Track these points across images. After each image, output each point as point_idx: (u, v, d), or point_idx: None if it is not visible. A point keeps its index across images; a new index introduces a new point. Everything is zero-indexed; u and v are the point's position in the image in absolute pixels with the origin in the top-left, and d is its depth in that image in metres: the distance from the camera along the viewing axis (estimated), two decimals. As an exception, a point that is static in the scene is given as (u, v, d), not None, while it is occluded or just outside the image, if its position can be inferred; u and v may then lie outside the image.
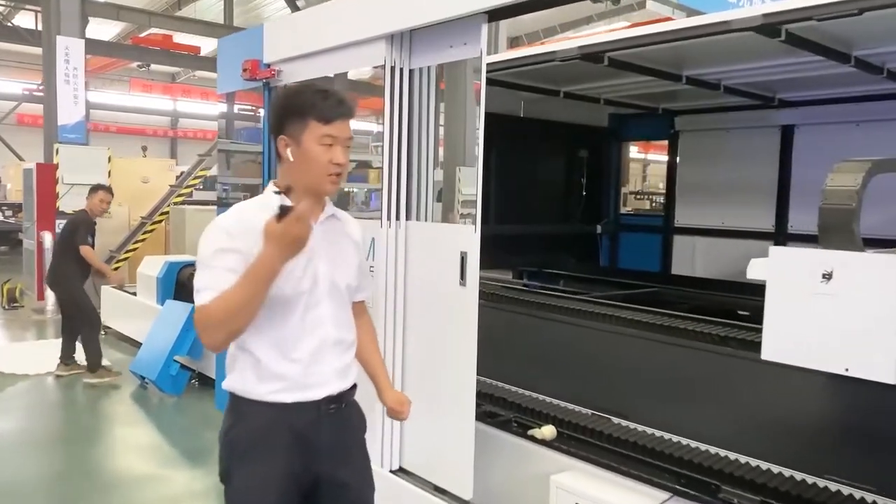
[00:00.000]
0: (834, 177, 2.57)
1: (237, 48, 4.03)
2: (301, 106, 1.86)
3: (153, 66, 22.75)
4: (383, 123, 3.07)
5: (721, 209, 5.76)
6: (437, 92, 3.06)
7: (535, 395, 3.68)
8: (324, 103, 1.85)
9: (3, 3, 15.54)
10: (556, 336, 3.92)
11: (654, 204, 16.28)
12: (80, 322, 6.27)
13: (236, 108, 4.42)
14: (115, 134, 24.86)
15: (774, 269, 2.32)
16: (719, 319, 3.60)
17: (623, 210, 7.10)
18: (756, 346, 3.15)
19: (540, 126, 5.82)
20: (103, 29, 18.03)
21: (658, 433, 3.17)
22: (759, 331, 3.32)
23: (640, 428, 3.24)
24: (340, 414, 1.97)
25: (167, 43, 15.78)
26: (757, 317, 4.38)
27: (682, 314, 3.71)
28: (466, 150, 10.35)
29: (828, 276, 2.22)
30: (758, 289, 5.01)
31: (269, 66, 3.68)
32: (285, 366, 1.86)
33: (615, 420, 3.36)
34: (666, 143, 6.36)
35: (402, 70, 3.05)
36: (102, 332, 7.91)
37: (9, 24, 15.64)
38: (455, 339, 2.91)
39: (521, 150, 5.72)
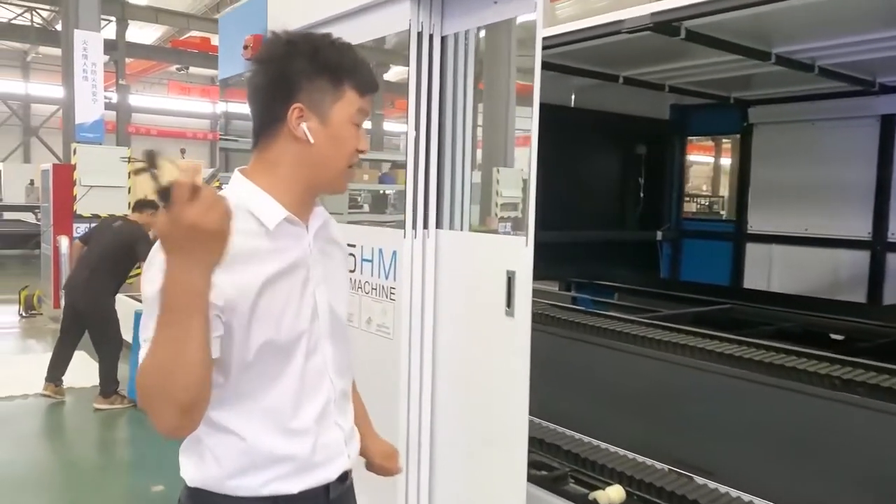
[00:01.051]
0: None
1: (240, 24, 3.42)
2: (337, 65, 1.33)
3: (192, 70, 22.75)
4: (407, 106, 2.41)
5: (804, 214, 4.98)
6: (476, 65, 2.38)
7: (595, 442, 2.98)
8: (363, 67, 1.37)
9: (20, 3, 15.36)
10: (621, 368, 3.23)
11: (700, 207, 15.39)
12: (102, 342, 5.74)
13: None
14: (156, 137, 24.90)
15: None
16: (833, 355, 2.86)
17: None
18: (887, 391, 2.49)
19: (593, 118, 5.10)
20: (145, 33, 18.04)
21: (756, 500, 2.46)
22: (891, 372, 2.71)
23: (732, 491, 2.52)
24: (348, 495, 1.47)
25: (206, 45, 15.56)
26: (855, 342, 3.80)
27: (781, 346, 2.96)
28: (507, 147, 9.53)
29: None
30: (852, 307, 4.33)
31: (273, 41, 3.06)
32: (285, 442, 1.31)
33: (698, 479, 2.64)
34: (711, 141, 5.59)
35: (431, 37, 2.37)
36: (117, 346, 7.42)
37: (52, 28, 15.51)
38: (500, 383, 2.22)
39: (571, 146, 4.99)
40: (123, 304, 7.50)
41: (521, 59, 9.28)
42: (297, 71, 1.30)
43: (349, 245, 2.71)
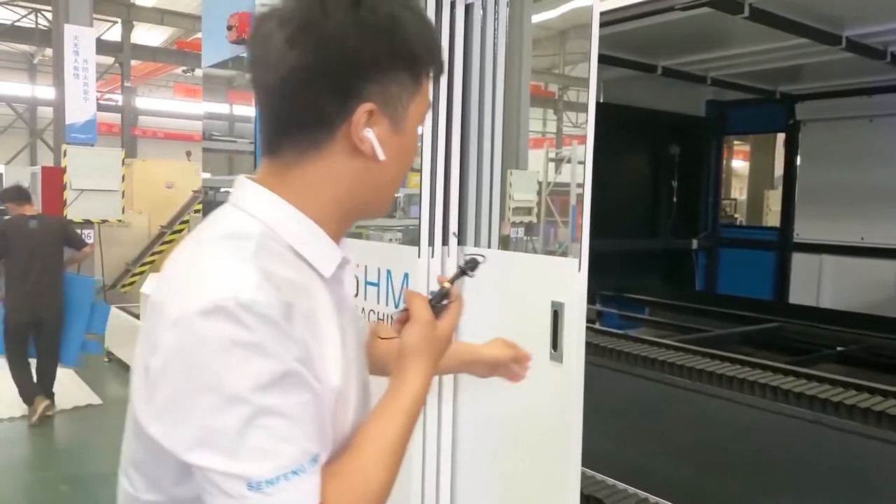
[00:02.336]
0: None
1: (225, 3, 2.95)
2: (423, 45, 0.92)
3: (199, 72, 22.55)
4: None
5: (860, 221, 4.46)
6: (508, 40, 1.89)
7: (650, 498, 2.49)
8: (436, 38, 1.01)
9: (25, 4, 15.03)
10: (669, 405, 2.74)
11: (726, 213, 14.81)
12: (56, 346, 5.36)
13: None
14: (163, 140, 24.65)
15: None
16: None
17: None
18: None
19: (622, 114, 4.60)
20: (151, 35, 17.75)
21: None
22: None
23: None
24: None
25: (212, 47, 15.18)
26: None
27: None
28: (520, 149, 9.00)
29: None
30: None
31: (262, 20, 2.60)
32: None
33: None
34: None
35: (453, 4, 1.88)
36: (106, 359, 6.99)
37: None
38: (543, 445, 1.74)
39: (598, 145, 4.50)
40: (113, 315, 7.06)
41: (534, 60, 8.80)
42: (369, 53, 0.86)
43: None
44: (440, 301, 1.03)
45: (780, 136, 5.59)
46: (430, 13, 1.93)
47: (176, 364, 0.79)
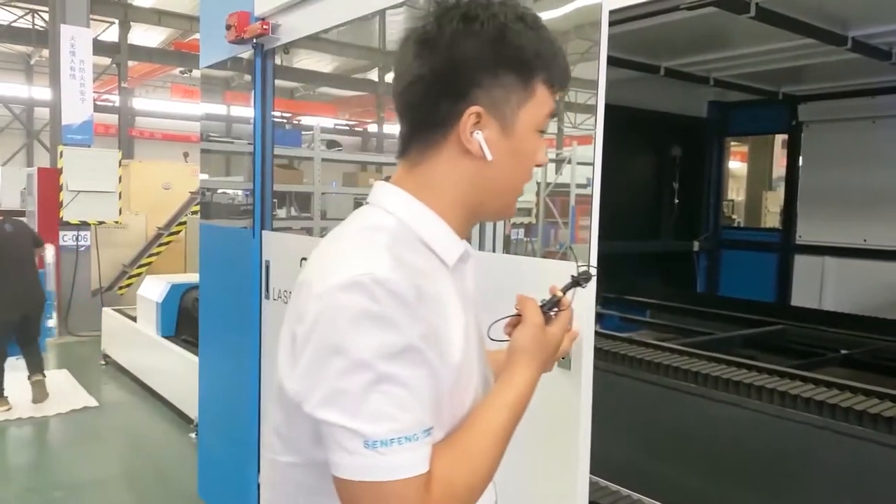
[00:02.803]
0: None
1: (224, 2, 2.91)
2: (532, 51, 1.01)
3: (196, 73, 22.45)
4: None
5: (863, 223, 4.43)
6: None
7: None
8: (560, 52, 1.05)
9: (22, 5, 14.95)
10: (671, 409, 2.70)
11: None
12: (37, 334, 5.61)
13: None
14: (160, 141, 24.57)
15: None
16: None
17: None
18: None
19: (621, 115, 4.55)
20: (149, 36, 17.68)
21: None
22: None
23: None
24: None
25: (210, 48, 15.10)
26: None
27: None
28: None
29: None
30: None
31: (261, 19, 2.55)
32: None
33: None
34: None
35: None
36: (103, 362, 6.94)
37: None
38: (552, 455, 1.69)
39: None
40: (109, 317, 7.00)
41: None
42: (475, 60, 0.98)
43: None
44: (551, 308, 1.11)
45: (779, 138, 5.57)
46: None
47: (317, 330, 0.89)
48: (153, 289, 6.15)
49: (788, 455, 2.39)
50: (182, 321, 5.81)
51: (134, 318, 6.51)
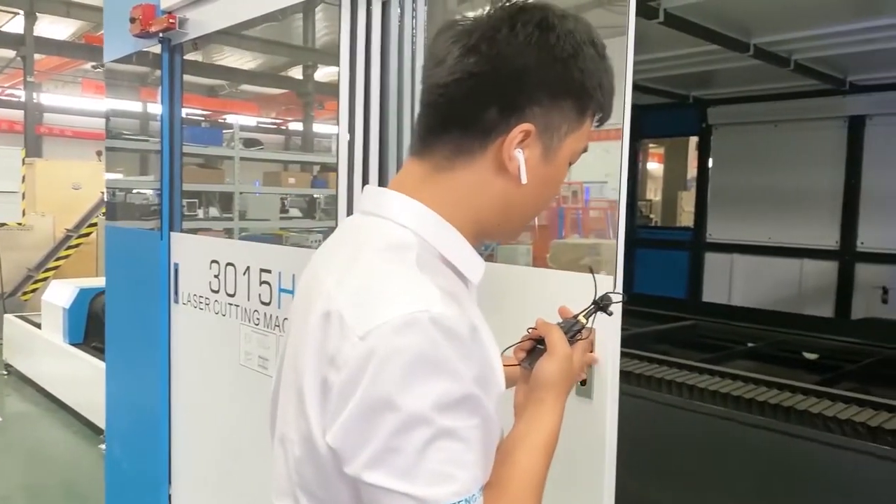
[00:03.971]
0: None
1: (129, -6, 2.79)
2: (595, 81, 0.92)
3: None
4: (339, 89, 1.86)
5: (768, 222, 4.66)
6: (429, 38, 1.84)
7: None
8: (615, 88, 0.97)
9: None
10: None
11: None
12: None
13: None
14: (72, 139, 23.38)
15: None
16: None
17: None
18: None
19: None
20: (57, 28, 16.79)
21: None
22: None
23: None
24: None
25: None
26: (833, 362, 3.48)
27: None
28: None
29: None
30: (823, 323, 4.01)
31: (168, 12, 2.45)
32: None
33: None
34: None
35: (369, 2, 1.82)
36: (5, 372, 6.55)
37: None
38: (571, 495, 1.49)
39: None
40: (12, 324, 6.65)
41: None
42: (542, 75, 0.88)
43: (264, 270, 2.12)
44: (574, 336, 1.03)
45: (694, 140, 5.76)
46: (346, 12, 1.86)
47: (363, 380, 0.77)
48: (60, 293, 5.84)
49: (696, 447, 2.48)
50: (91, 327, 5.55)
51: (39, 325, 6.17)
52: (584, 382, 1.37)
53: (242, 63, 13.40)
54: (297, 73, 12.54)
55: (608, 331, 1.35)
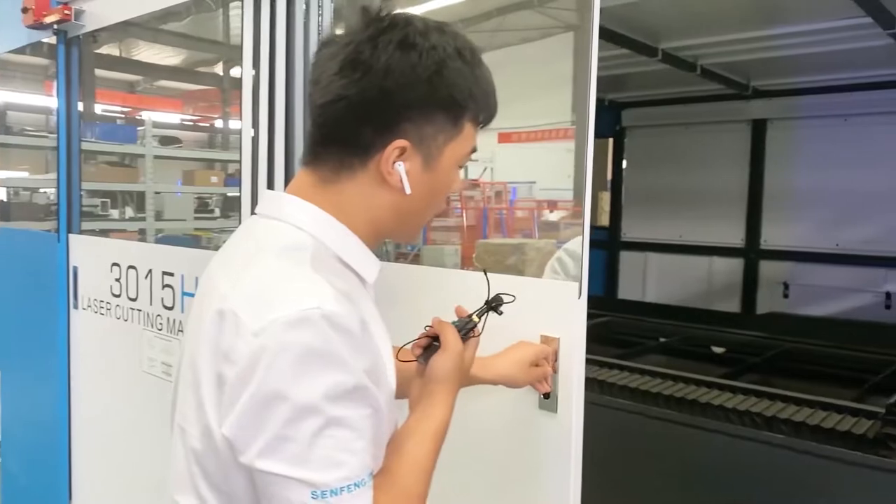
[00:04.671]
0: None
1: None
2: (466, 92, 0.96)
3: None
4: (241, 85, 1.81)
5: (679, 221, 4.83)
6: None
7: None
8: (492, 90, 1.01)
9: None
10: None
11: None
12: None
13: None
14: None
15: None
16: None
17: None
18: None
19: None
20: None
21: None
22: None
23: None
24: None
25: None
26: (738, 355, 3.64)
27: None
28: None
29: None
30: (730, 318, 4.19)
31: (63, 3, 2.33)
32: None
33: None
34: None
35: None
36: None
37: None
38: None
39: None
40: None
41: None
42: (408, 94, 0.92)
43: (166, 273, 2.05)
44: (466, 333, 1.07)
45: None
46: (249, 8, 1.81)
47: (256, 373, 0.80)
48: None
49: (609, 443, 2.54)
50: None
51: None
52: (547, 395, 1.35)
53: (163, 58, 12.91)
54: (220, 69, 12.17)
55: (573, 341, 1.30)
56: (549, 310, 1.35)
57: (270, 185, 1.86)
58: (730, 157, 4.57)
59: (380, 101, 0.91)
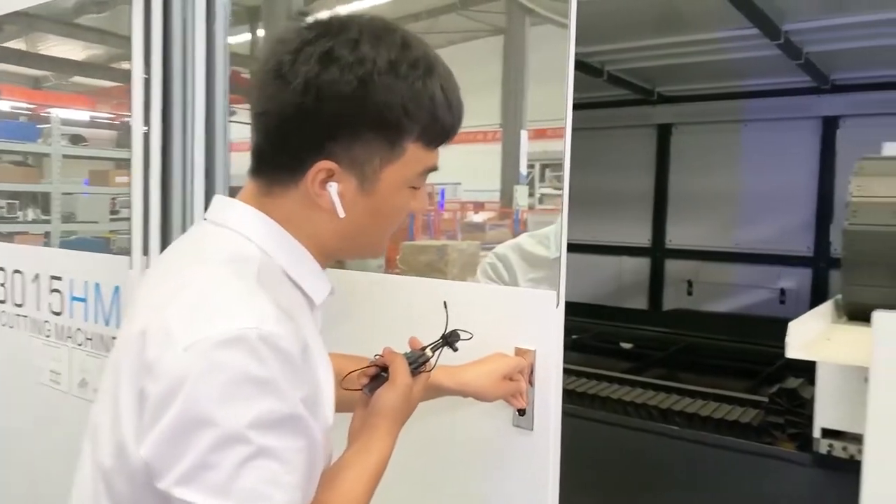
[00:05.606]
0: (861, 183, 1.69)
1: None
2: (403, 111, 0.85)
3: None
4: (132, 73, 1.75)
5: (591, 222, 4.97)
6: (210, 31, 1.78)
7: None
8: (442, 109, 0.87)
9: None
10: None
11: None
12: None
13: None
14: None
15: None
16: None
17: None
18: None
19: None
20: None
21: None
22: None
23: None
24: None
25: None
26: (647, 351, 3.78)
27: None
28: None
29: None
30: (638, 315, 4.35)
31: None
32: None
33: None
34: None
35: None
36: None
37: None
38: None
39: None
40: None
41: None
42: (330, 112, 0.83)
43: (54, 278, 1.97)
44: (417, 367, 1.02)
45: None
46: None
47: (181, 393, 0.73)
48: None
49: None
50: None
51: None
52: (522, 412, 1.27)
53: (76, 54, 12.36)
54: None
55: (551, 353, 1.25)
56: (524, 320, 1.30)
57: (166, 186, 1.82)
58: (637, 160, 4.73)
59: (299, 119, 0.83)
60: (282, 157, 0.87)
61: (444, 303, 1.07)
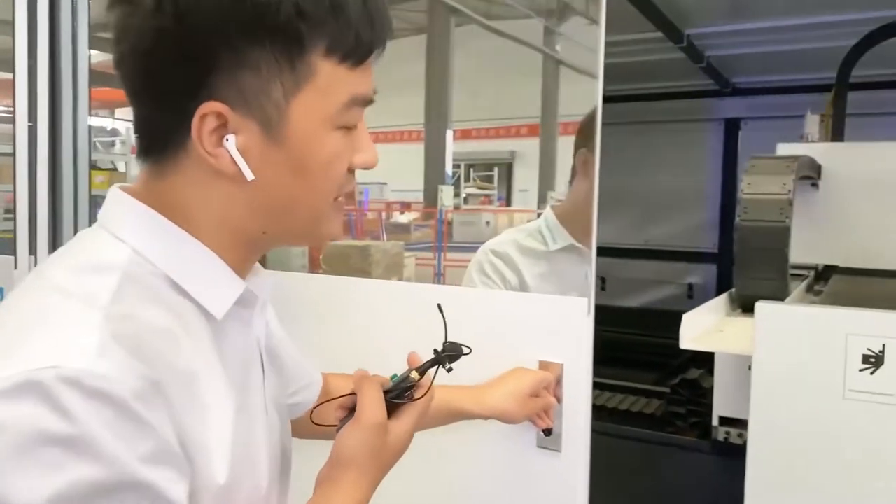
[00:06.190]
0: (752, 180, 1.78)
1: None
2: (292, 4, 0.59)
3: None
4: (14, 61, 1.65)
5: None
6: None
7: None
8: (355, 3, 0.63)
9: None
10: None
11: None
12: None
13: None
14: None
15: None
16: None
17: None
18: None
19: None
20: None
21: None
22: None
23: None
24: None
25: None
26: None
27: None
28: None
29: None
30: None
31: None
32: None
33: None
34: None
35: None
36: None
37: None
38: None
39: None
40: None
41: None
42: (201, 33, 0.60)
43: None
44: (403, 393, 0.77)
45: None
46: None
47: None
48: None
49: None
50: None
51: None
52: (548, 432, 1.14)
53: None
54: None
55: (580, 367, 1.12)
56: (549, 330, 1.17)
57: (55, 183, 1.73)
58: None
59: (161, 50, 0.60)
60: (155, 115, 0.65)
61: (439, 305, 0.83)
